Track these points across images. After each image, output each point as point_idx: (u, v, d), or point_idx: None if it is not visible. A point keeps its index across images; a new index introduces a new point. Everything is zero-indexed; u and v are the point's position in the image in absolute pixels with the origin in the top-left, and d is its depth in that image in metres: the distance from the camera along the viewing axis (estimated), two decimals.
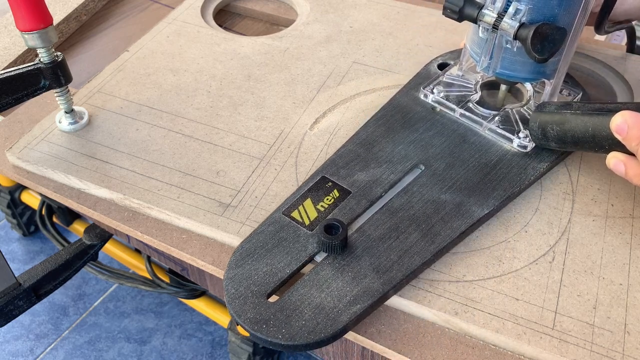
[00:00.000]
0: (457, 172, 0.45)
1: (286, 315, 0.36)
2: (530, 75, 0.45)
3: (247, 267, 0.39)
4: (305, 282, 0.38)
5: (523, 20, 0.41)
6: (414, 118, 0.50)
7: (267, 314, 0.36)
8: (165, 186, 0.45)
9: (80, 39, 0.66)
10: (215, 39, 0.61)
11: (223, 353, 1.05)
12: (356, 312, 0.36)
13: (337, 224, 0.39)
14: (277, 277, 0.38)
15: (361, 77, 0.56)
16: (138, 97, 0.54)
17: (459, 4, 0.43)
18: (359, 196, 0.43)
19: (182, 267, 0.48)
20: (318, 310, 0.36)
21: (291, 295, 0.37)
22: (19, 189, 1.13)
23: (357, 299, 0.37)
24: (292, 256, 0.39)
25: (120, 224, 0.44)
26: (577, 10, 0.41)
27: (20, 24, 0.43)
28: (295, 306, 0.37)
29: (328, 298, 0.37)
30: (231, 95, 0.54)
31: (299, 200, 0.43)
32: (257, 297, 0.37)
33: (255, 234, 0.41)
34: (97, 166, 0.47)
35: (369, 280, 0.38)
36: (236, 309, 0.36)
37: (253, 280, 0.38)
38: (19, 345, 1.06)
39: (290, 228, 0.41)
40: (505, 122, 0.48)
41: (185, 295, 0.96)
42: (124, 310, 1.12)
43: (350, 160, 0.46)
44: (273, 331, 0.35)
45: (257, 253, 0.40)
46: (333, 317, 0.36)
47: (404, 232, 0.41)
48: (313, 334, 0.35)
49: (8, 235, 1.24)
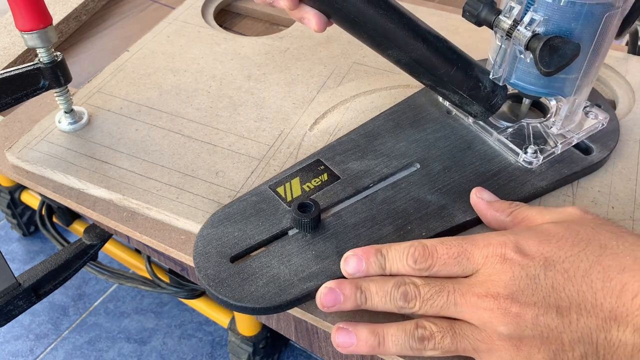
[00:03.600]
0: (452, 176, 0.44)
1: (242, 279, 0.38)
2: (544, 89, 0.43)
3: (221, 228, 0.41)
4: (269, 252, 0.39)
5: (538, 31, 0.39)
6: (425, 118, 0.49)
7: (225, 274, 0.38)
8: (165, 186, 0.45)
9: (80, 39, 0.66)
10: (216, 39, 0.61)
11: (223, 353, 1.05)
12: (307, 288, 0.37)
13: (311, 204, 0.40)
14: (245, 244, 0.40)
15: (361, 77, 0.56)
16: (138, 97, 0.54)
17: (477, 7, 0.42)
18: (346, 183, 0.44)
19: (182, 267, 0.48)
20: (272, 280, 0.38)
21: (252, 261, 0.39)
22: (19, 189, 1.13)
23: (312, 276, 0.38)
24: (265, 227, 0.41)
25: (119, 224, 0.44)
26: (597, 26, 0.39)
27: (20, 24, 0.43)
28: (253, 272, 0.38)
29: (285, 271, 0.38)
30: (231, 96, 0.54)
31: (287, 178, 0.45)
32: (222, 258, 0.39)
33: (238, 200, 0.43)
34: (97, 166, 0.47)
35: (329, 262, 0.39)
36: (199, 263, 0.39)
37: (222, 242, 0.40)
38: (19, 345, 1.06)
39: (271, 201, 0.43)
40: (517, 135, 0.47)
41: (185, 295, 0.96)
42: (124, 310, 1.12)
43: (349, 149, 0.47)
44: (225, 291, 0.37)
45: (234, 218, 0.42)
46: (284, 289, 0.37)
47: (379, 224, 0.41)
48: (261, 300, 0.37)
49: (8, 235, 1.24)
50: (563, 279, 0.32)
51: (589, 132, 0.47)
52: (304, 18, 0.41)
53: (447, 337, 0.33)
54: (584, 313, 0.31)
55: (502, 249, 0.34)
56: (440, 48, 0.42)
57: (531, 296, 0.32)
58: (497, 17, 0.41)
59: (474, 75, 0.44)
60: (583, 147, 0.47)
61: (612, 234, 0.34)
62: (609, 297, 0.31)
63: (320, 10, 0.41)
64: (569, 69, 0.40)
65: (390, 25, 0.40)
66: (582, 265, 0.32)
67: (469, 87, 0.44)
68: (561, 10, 0.39)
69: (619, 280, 0.31)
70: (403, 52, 0.42)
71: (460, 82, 0.43)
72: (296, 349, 1.06)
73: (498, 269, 0.33)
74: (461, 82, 0.43)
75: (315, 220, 0.40)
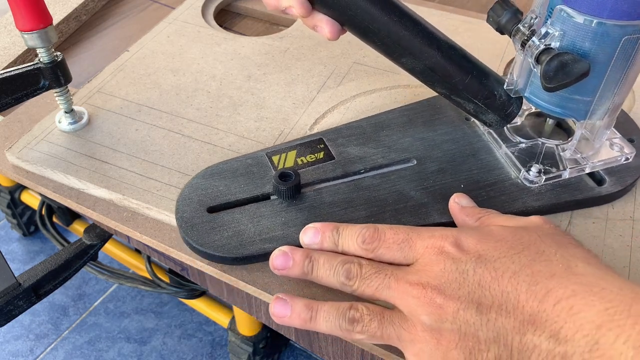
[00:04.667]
0: (444, 178, 0.44)
1: (211, 228, 0.41)
2: (556, 107, 0.41)
3: (209, 181, 0.44)
4: (244, 210, 0.42)
5: (553, 46, 0.38)
6: (440, 120, 0.49)
7: (198, 220, 0.41)
8: (165, 187, 0.45)
9: (80, 39, 0.66)
10: (216, 39, 0.61)
11: (223, 353, 1.05)
12: (265, 249, 0.39)
13: (292, 174, 0.42)
14: (225, 198, 0.43)
15: (361, 77, 0.56)
16: (138, 97, 0.54)
17: (500, 14, 0.41)
18: (338, 165, 0.45)
19: (182, 267, 0.48)
20: (237, 234, 0.40)
21: (226, 214, 0.42)
22: (19, 189, 1.13)
23: (273, 239, 0.40)
24: (249, 188, 0.43)
25: (119, 224, 0.44)
26: (614, 49, 0.37)
27: (20, 24, 0.43)
28: (223, 224, 0.41)
29: (252, 229, 0.41)
30: (231, 96, 0.54)
31: (285, 149, 0.47)
32: (200, 206, 0.42)
33: (233, 159, 0.46)
34: (97, 166, 0.47)
35: (293, 230, 0.40)
36: (179, 207, 0.42)
37: (206, 192, 0.43)
38: (19, 345, 1.06)
39: (263, 166, 0.45)
40: (527, 152, 0.45)
41: (185, 295, 0.96)
42: (124, 310, 1.12)
43: (354, 134, 0.48)
44: (193, 234, 0.40)
45: (224, 175, 0.44)
46: (244, 244, 0.40)
47: (354, 208, 0.42)
48: (220, 249, 0.40)
49: (8, 235, 1.24)
50: (491, 277, 0.32)
51: (607, 163, 0.45)
52: (317, 26, 0.41)
53: (375, 322, 0.34)
54: (503, 313, 0.31)
55: (442, 241, 0.34)
56: (455, 56, 0.42)
57: (457, 290, 0.32)
58: (517, 26, 0.40)
59: (489, 84, 0.43)
60: (597, 177, 0.45)
61: (555, 243, 0.34)
62: (531, 301, 0.31)
63: (334, 18, 0.40)
64: (581, 90, 0.39)
65: (404, 33, 0.40)
66: (512, 266, 0.32)
67: (484, 96, 0.43)
68: (576, 27, 0.37)
69: (545, 285, 0.31)
70: (417, 60, 0.41)
71: (476, 90, 0.43)
72: (296, 349, 1.06)
73: (433, 259, 0.34)
74: (476, 90, 0.43)
75: (291, 189, 0.42)
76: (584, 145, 0.45)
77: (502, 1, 0.41)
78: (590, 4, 0.36)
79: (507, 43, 0.60)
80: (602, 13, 0.36)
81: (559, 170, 0.44)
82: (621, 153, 0.45)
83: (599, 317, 0.28)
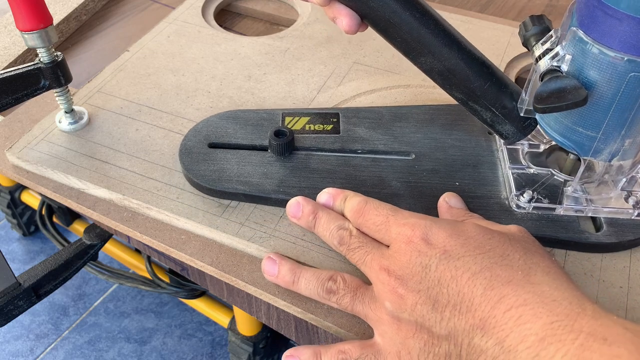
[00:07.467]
0: (432, 178, 0.44)
1: (203, 159, 0.45)
2: (560, 136, 0.39)
3: (223, 121, 0.48)
4: (237, 153, 0.46)
5: (562, 68, 0.36)
6: (460, 126, 0.48)
7: (196, 150, 0.46)
8: (165, 186, 0.45)
9: (80, 39, 0.66)
10: (216, 39, 0.61)
11: (223, 353, 1.05)
12: (237, 189, 0.43)
13: (286, 132, 0.45)
14: (227, 139, 0.47)
15: (362, 77, 0.56)
16: (138, 97, 0.54)
17: (528, 28, 0.40)
18: (340, 140, 0.47)
19: (182, 267, 0.48)
20: (220, 170, 0.44)
21: (220, 152, 0.46)
22: (19, 189, 1.13)
23: (247, 184, 0.43)
24: (253, 137, 0.47)
25: (119, 224, 0.44)
26: (620, 84, 0.34)
27: (20, 24, 0.43)
28: (214, 159, 0.45)
29: (235, 170, 0.44)
30: (231, 96, 0.54)
31: (300, 114, 0.49)
32: (204, 140, 0.47)
33: (252, 110, 0.50)
34: (97, 166, 0.47)
35: (268, 182, 0.44)
36: (188, 135, 0.47)
37: (215, 130, 0.47)
38: (19, 345, 1.06)
39: (274, 123, 0.48)
40: (529, 178, 0.43)
41: (185, 295, 0.96)
42: (124, 310, 1.12)
43: (369, 118, 0.49)
44: (185, 160, 0.45)
45: (238, 120, 0.48)
46: (221, 180, 0.44)
47: (331, 180, 0.44)
48: (200, 178, 0.44)
49: (8, 235, 1.24)
50: (450, 275, 0.32)
51: (612, 213, 0.41)
52: (337, 18, 0.40)
53: (347, 297, 0.37)
54: (457, 314, 0.32)
55: (412, 231, 0.35)
56: (475, 60, 0.41)
57: (418, 283, 0.33)
58: (537, 43, 0.39)
59: (508, 93, 0.42)
60: (597, 222, 0.42)
61: (523, 249, 0.34)
62: (484, 305, 0.31)
63: (354, 10, 0.40)
64: (585, 123, 0.37)
65: (425, 30, 0.40)
66: (473, 267, 0.32)
67: (502, 105, 0.42)
68: (584, 52, 0.35)
69: (500, 291, 0.31)
70: (437, 60, 0.41)
71: (494, 98, 0.41)
72: None
73: (402, 248, 0.35)
74: (494, 98, 0.41)
75: (282, 146, 0.45)
76: (597, 187, 0.42)
77: (536, 16, 0.40)
78: (601, 30, 0.34)
79: (507, 43, 0.60)
80: (611, 43, 0.34)
81: (553, 203, 0.42)
82: (634, 209, 0.41)
83: (543, 330, 0.28)
